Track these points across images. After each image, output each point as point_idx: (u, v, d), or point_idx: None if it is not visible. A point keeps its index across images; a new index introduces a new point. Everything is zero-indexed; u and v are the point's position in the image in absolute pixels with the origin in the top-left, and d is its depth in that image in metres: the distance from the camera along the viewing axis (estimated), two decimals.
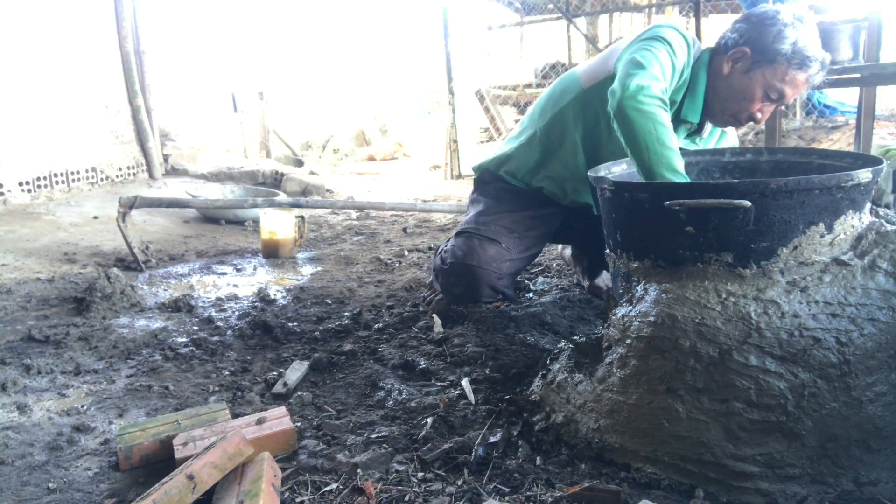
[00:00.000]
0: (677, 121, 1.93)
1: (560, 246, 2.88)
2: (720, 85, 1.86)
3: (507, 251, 2.13)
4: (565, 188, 2.16)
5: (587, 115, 2.02)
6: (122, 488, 1.30)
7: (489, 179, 2.32)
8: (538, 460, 1.34)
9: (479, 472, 1.30)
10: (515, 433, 1.44)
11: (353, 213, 4.62)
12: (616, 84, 1.67)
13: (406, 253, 3.38)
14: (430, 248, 3.43)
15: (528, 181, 2.21)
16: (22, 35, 4.03)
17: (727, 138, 2.17)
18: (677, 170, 1.58)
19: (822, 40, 3.04)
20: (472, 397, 1.63)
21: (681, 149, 1.95)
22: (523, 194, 2.22)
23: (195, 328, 2.25)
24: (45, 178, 4.18)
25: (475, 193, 2.36)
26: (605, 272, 2.49)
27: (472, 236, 2.15)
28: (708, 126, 2.03)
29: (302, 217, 3.41)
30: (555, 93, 2.14)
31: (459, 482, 1.26)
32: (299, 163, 7.26)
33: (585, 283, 2.50)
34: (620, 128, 1.65)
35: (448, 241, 2.32)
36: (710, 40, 1.95)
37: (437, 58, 6.47)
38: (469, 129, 7.65)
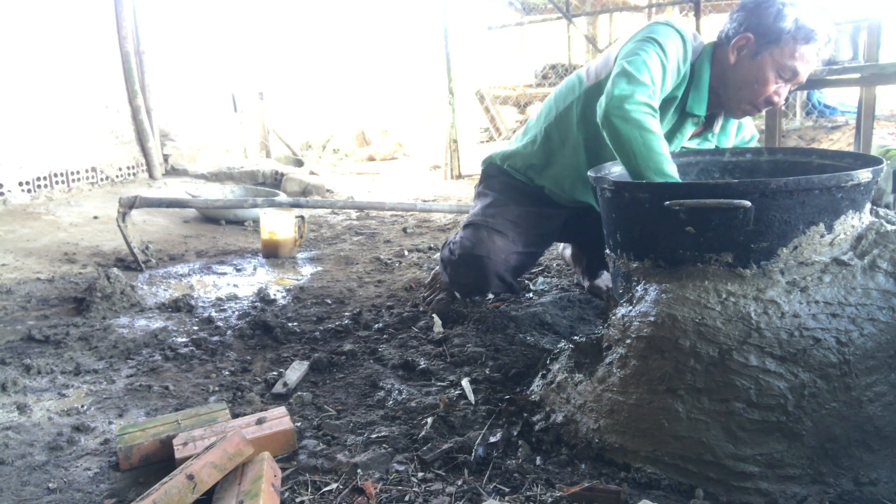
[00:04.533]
0: (683, 115, 1.94)
1: (561, 246, 2.88)
2: (729, 75, 1.85)
3: (514, 244, 2.15)
4: (564, 186, 2.17)
5: (589, 114, 2.01)
6: (122, 488, 1.30)
7: (495, 173, 2.35)
8: (538, 460, 1.34)
9: (479, 472, 1.30)
10: (515, 433, 1.44)
11: (353, 213, 4.62)
12: (602, 95, 1.71)
13: (406, 253, 3.38)
14: (430, 248, 3.43)
15: (531, 178, 2.24)
16: (22, 35, 4.03)
17: (744, 131, 2.15)
18: (667, 173, 1.59)
19: None
20: (472, 397, 1.63)
21: (682, 149, 1.97)
22: (526, 191, 2.25)
23: (195, 328, 2.25)
24: (45, 178, 4.18)
25: (481, 186, 2.39)
26: (605, 272, 2.49)
27: (481, 228, 2.17)
28: (718, 121, 2.03)
29: (302, 217, 3.41)
30: (560, 92, 2.16)
31: (459, 482, 1.26)
32: (299, 163, 7.26)
33: (585, 284, 2.50)
34: (608, 137, 1.68)
35: (455, 234, 2.34)
36: (710, 39, 1.95)
37: (437, 58, 6.46)
38: (469, 129, 7.64)
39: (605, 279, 2.47)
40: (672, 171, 1.60)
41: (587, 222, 2.21)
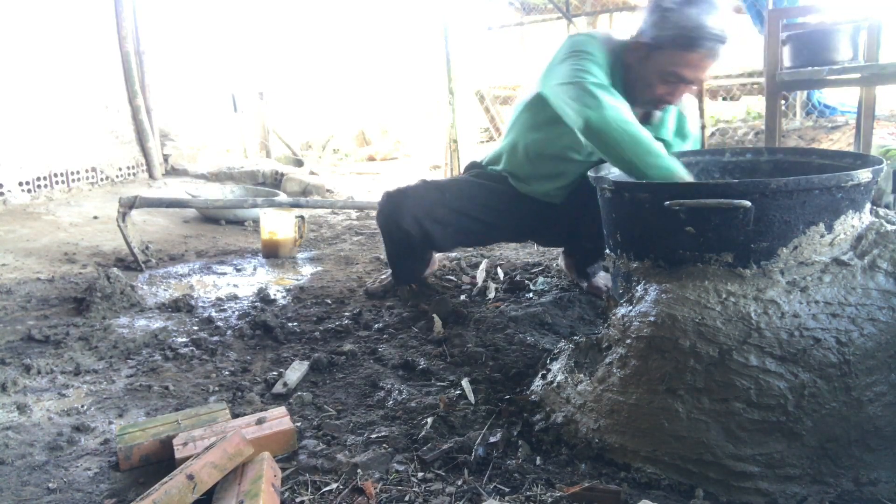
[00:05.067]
0: None
1: (560, 259, 2.89)
2: (629, 74, 1.94)
3: (448, 201, 2.26)
4: (517, 179, 2.35)
5: (526, 123, 2.24)
6: (122, 488, 1.30)
7: (470, 167, 2.59)
8: (538, 460, 1.34)
9: (479, 472, 1.30)
10: (515, 433, 1.44)
11: (353, 213, 4.62)
12: (572, 113, 1.78)
13: None
14: None
15: (498, 168, 2.42)
16: (22, 35, 4.03)
17: (688, 123, 2.20)
18: (659, 153, 1.61)
19: (821, 40, 3.05)
20: (472, 397, 1.63)
21: (682, 151, 1.99)
22: (492, 176, 2.41)
23: (195, 328, 2.25)
24: (45, 178, 4.18)
25: None
26: (602, 272, 2.50)
27: (425, 181, 2.36)
28: (657, 114, 2.10)
29: (302, 217, 3.41)
30: (516, 104, 2.38)
31: (459, 482, 1.26)
32: (299, 163, 7.25)
33: (584, 285, 2.51)
34: (595, 144, 1.75)
35: None
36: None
37: (437, 58, 6.45)
38: (469, 129, 7.63)
39: (604, 278, 2.48)
40: (662, 150, 1.63)
41: (564, 222, 2.34)
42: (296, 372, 1.81)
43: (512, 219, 2.36)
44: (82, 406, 1.65)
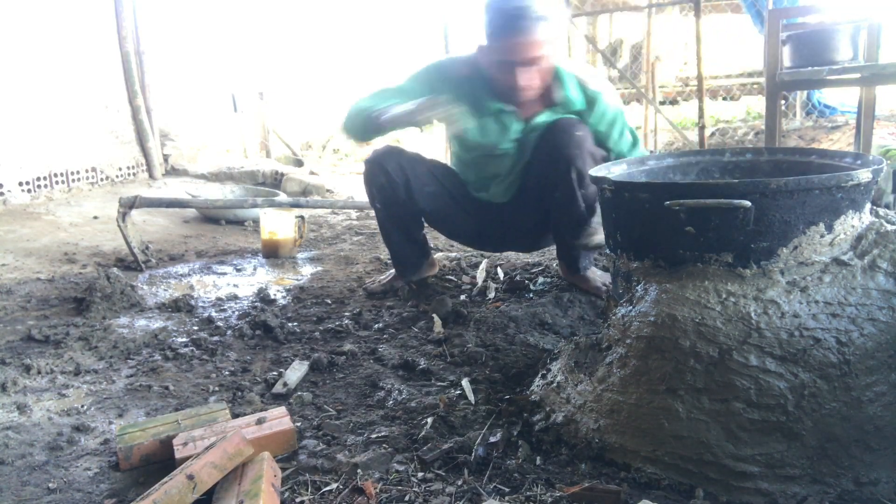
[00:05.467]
0: (492, 112, 2.22)
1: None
2: (490, 78, 2.16)
3: (427, 165, 2.46)
4: (472, 187, 2.53)
5: (452, 144, 2.53)
6: (122, 488, 1.30)
7: None
8: (538, 460, 1.34)
9: (479, 472, 1.30)
10: (515, 433, 1.44)
11: (353, 213, 4.62)
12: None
13: None
14: (432, 248, 3.42)
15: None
16: (22, 35, 4.03)
17: (589, 86, 2.23)
18: (371, 107, 2.11)
19: (821, 40, 3.06)
20: (472, 397, 1.63)
21: (683, 151, 2.01)
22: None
23: (195, 328, 2.25)
24: (45, 178, 4.18)
25: None
26: (602, 271, 2.50)
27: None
28: (556, 95, 2.19)
29: (302, 217, 3.41)
30: None
31: (459, 482, 1.26)
32: (299, 163, 7.25)
33: (582, 284, 2.50)
34: (356, 137, 2.29)
35: None
36: (709, 39, 2.01)
37: (437, 58, 6.45)
38: None
39: (601, 277, 2.47)
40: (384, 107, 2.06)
41: (526, 222, 2.43)
42: (296, 372, 1.81)
43: (477, 213, 2.49)
44: (82, 406, 1.65)
